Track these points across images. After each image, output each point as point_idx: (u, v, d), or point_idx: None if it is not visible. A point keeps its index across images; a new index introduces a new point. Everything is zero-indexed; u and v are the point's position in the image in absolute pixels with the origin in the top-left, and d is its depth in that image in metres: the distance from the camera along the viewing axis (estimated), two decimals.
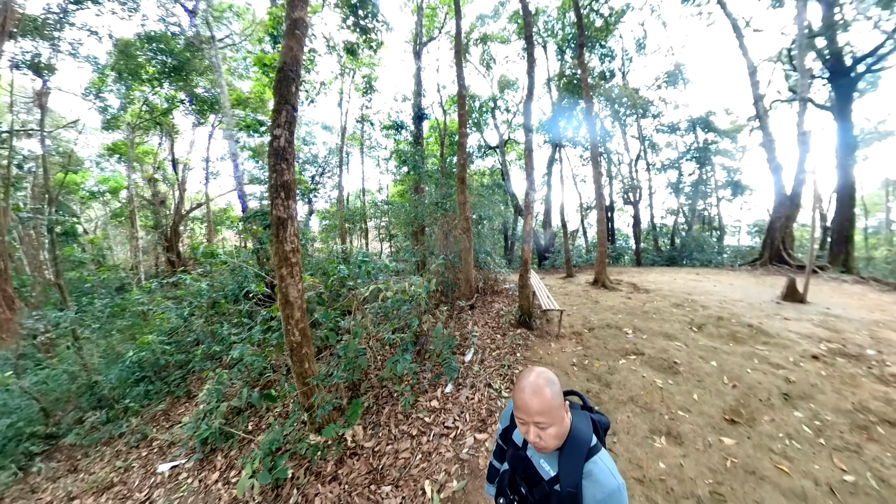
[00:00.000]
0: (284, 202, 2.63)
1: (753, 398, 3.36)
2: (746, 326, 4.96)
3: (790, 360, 4.06)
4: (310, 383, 2.75)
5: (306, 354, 2.76)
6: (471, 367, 3.79)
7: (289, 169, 2.65)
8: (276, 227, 2.63)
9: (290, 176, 2.68)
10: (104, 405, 4.77)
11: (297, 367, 2.76)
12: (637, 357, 3.98)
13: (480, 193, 8.47)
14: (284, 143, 2.62)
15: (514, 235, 19.96)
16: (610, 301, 6.27)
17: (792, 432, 2.80)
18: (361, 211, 15.42)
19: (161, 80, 14.45)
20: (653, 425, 2.96)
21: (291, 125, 2.68)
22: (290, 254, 2.67)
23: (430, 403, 3.23)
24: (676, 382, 3.55)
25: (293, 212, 2.69)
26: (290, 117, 2.65)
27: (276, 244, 2.65)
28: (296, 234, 2.71)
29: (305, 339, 2.75)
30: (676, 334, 4.58)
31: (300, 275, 2.74)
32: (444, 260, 5.14)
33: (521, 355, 4.05)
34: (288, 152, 2.64)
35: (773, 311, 5.84)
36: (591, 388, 3.41)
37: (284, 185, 2.63)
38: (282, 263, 2.66)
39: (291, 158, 2.69)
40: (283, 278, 2.66)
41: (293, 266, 2.69)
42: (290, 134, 2.67)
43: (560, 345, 4.38)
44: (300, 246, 2.76)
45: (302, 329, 2.72)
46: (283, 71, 2.70)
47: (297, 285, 2.70)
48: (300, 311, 2.72)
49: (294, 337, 2.69)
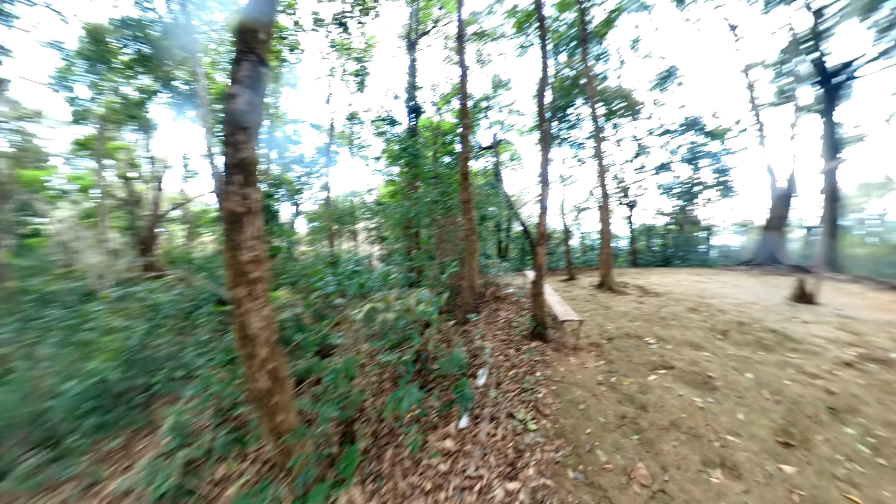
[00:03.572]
0: (241, 189, 1.87)
1: (800, 414, 3.06)
2: (770, 332, 4.67)
3: (824, 368, 3.81)
4: (287, 441, 2.12)
5: (279, 405, 2.09)
6: (486, 393, 3.32)
7: (250, 142, 1.93)
8: (228, 226, 1.89)
9: (254, 153, 1.96)
10: (53, 439, 4.10)
11: (267, 422, 2.11)
12: (667, 371, 3.60)
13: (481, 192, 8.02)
14: (245, 105, 1.91)
15: (508, 236, 19.63)
16: (622, 306, 5.92)
17: (850, 453, 2.56)
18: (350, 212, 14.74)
19: (134, 69, 13.49)
20: (704, 455, 2.58)
21: (257, 83, 1.96)
22: (250, 266, 1.90)
23: (443, 444, 2.74)
24: (717, 400, 3.18)
25: (255, 204, 1.94)
26: (254, 72, 1.94)
27: (228, 251, 1.89)
28: (259, 237, 1.95)
29: (277, 383, 2.07)
30: (702, 343, 4.24)
31: (267, 295, 2.01)
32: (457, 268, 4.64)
33: (540, 374, 3.61)
34: (250, 118, 1.93)
35: (791, 314, 5.60)
36: (626, 413, 2.99)
37: (242, 165, 1.89)
38: (237, 280, 1.89)
39: (255, 129, 1.98)
40: (241, 302, 1.89)
41: (255, 284, 1.93)
42: (254, 95, 1.96)
43: (580, 359, 3.96)
44: (266, 253, 2.04)
45: (272, 371, 2.02)
46: (247, 9, 2.05)
47: (262, 310, 1.97)
48: (268, 346, 2.00)
49: (259, 383, 2.00)
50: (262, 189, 2.14)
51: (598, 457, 2.60)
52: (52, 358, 5.60)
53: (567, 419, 3.00)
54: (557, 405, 3.17)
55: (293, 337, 2.72)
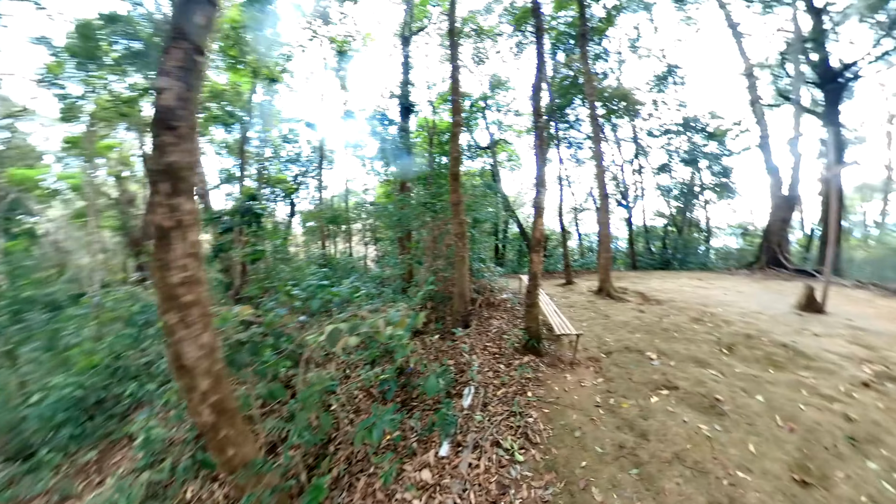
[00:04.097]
0: (169, 200, 1.62)
1: (817, 446, 2.77)
2: (780, 346, 4.37)
3: (841, 389, 3.52)
4: (242, 477, 1.86)
5: (228, 439, 1.85)
6: (471, 415, 3.02)
7: (181, 144, 1.66)
8: (157, 242, 1.66)
9: (186, 157, 1.68)
10: (29, 449, 3.95)
11: (217, 457, 1.87)
12: (671, 392, 3.29)
13: (475, 193, 7.72)
14: (174, 101, 1.63)
15: (505, 238, 19.34)
16: (621, 315, 5.61)
17: (874, 493, 2.28)
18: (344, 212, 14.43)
19: (123, 66, 13.23)
20: (711, 496, 2.29)
21: (190, 74, 1.68)
22: (181, 289, 1.66)
23: (419, 475, 2.44)
24: (725, 428, 2.88)
25: (187, 217, 1.69)
26: (187, 62, 1.66)
27: (156, 271, 1.66)
28: (194, 255, 1.71)
29: (224, 417, 1.82)
30: (708, 359, 3.93)
31: (206, 321, 1.76)
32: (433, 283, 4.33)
33: (532, 394, 3.31)
34: (181, 116, 1.65)
35: (800, 325, 5.30)
36: (625, 442, 2.69)
37: (170, 171, 1.62)
38: (167, 304, 1.66)
39: (188, 129, 1.71)
40: (172, 329, 1.67)
41: (188, 309, 1.68)
42: (186, 88, 1.67)
43: (577, 376, 3.66)
44: (205, 274, 1.78)
45: (216, 404, 1.77)
46: None
47: (199, 338, 1.73)
48: (209, 378, 1.76)
49: (203, 417, 1.75)
50: (196, 198, 1.82)
51: (593, 495, 2.30)
52: (33, 363, 5.39)
53: (560, 448, 2.70)
54: (550, 432, 2.87)
55: (242, 361, 2.41)
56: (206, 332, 1.84)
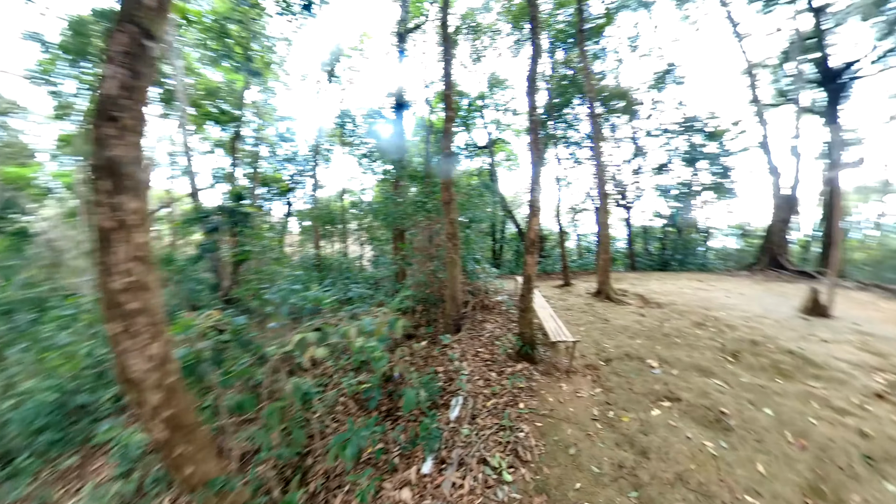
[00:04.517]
0: (110, 198, 1.45)
1: (831, 465, 2.56)
2: (787, 353, 4.16)
3: (853, 401, 3.30)
4: (200, 498, 1.69)
5: (184, 457, 1.67)
6: (458, 429, 2.80)
7: (125, 137, 1.48)
8: (98, 245, 1.48)
9: (130, 151, 1.50)
10: (8, 455, 3.78)
11: (175, 475, 1.70)
12: (673, 405, 3.08)
13: (469, 193, 7.51)
14: (118, 89, 1.45)
15: (503, 238, 19.13)
16: (621, 319, 5.39)
17: None
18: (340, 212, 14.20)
19: None
20: None
21: (137, 61, 1.49)
22: (125, 295, 1.50)
23: (399, 494, 2.23)
24: (731, 445, 2.67)
25: (132, 217, 1.51)
26: (134, 46, 1.47)
27: (100, 276, 1.49)
28: (141, 258, 1.54)
29: (181, 433, 1.65)
30: (712, 368, 3.72)
31: (156, 330, 1.59)
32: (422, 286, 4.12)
33: (525, 405, 3.09)
34: (125, 107, 1.46)
35: (806, 331, 5.09)
36: (624, 461, 2.47)
37: (111, 167, 1.46)
38: (110, 312, 1.50)
39: (136, 121, 1.53)
40: (116, 340, 1.51)
41: (133, 318, 1.51)
42: (132, 75, 1.48)
43: (573, 385, 3.44)
44: (155, 279, 1.61)
45: (170, 420, 1.60)
46: None
47: (147, 350, 1.56)
48: (160, 392, 1.60)
49: (155, 433, 1.58)
50: (146, 196, 1.64)
51: None
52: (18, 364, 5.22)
53: (552, 468, 2.48)
54: (542, 448, 2.65)
55: (204, 373, 2.20)
56: (156, 342, 1.66)
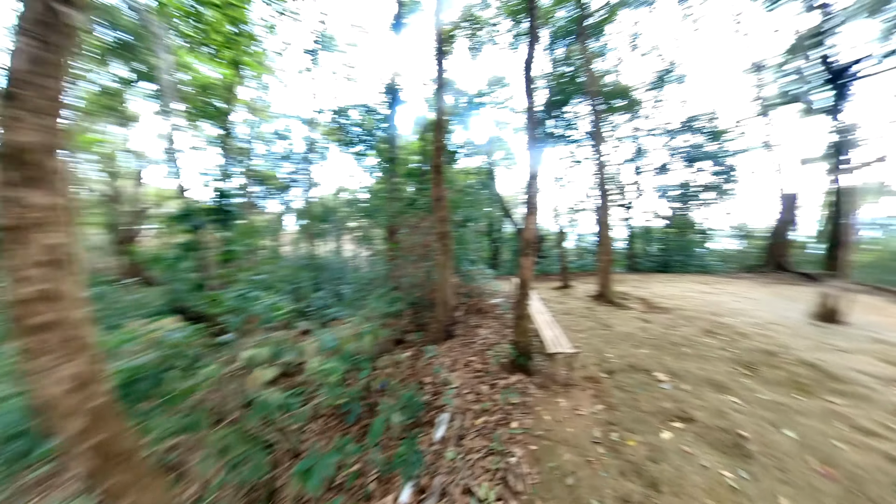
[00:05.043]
0: (14, 192, 1.25)
1: (862, 498, 2.24)
2: (805, 365, 3.83)
3: (879, 420, 2.98)
4: None
5: (121, 486, 1.48)
6: (442, 452, 2.47)
7: (34, 119, 1.27)
8: (3, 246, 1.26)
9: (40, 137, 1.28)
10: None
11: None
12: (686, 426, 2.75)
13: (465, 190, 7.17)
14: (27, 64, 1.25)
15: (500, 239, 18.80)
16: (624, 325, 5.06)
17: None
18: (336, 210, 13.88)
19: (105, 59, 12.76)
20: None
21: (52, 32, 1.28)
22: (32, 306, 1.29)
23: None
24: (752, 475, 2.33)
25: (42, 216, 1.30)
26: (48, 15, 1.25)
27: (8, 283, 1.27)
28: (54, 263, 1.32)
29: (114, 461, 1.45)
30: (726, 382, 3.39)
31: (75, 346, 1.36)
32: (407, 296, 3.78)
33: (518, 424, 2.75)
34: (35, 84, 1.25)
35: (820, 338, 4.77)
36: (630, 495, 2.14)
37: (14, 155, 1.24)
38: (16, 325, 1.28)
39: (50, 102, 1.30)
40: (24, 359, 1.30)
41: (42, 333, 1.30)
42: (45, 48, 1.27)
43: (572, 401, 3.11)
44: (74, 287, 1.38)
45: (99, 447, 1.40)
46: None
47: (62, 370, 1.31)
48: (82, 417, 1.36)
49: (84, 463, 1.40)
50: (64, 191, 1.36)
51: None
52: None
53: (547, 501, 2.15)
54: (535, 477, 2.32)
55: (153, 386, 1.87)
56: (75, 360, 1.41)
